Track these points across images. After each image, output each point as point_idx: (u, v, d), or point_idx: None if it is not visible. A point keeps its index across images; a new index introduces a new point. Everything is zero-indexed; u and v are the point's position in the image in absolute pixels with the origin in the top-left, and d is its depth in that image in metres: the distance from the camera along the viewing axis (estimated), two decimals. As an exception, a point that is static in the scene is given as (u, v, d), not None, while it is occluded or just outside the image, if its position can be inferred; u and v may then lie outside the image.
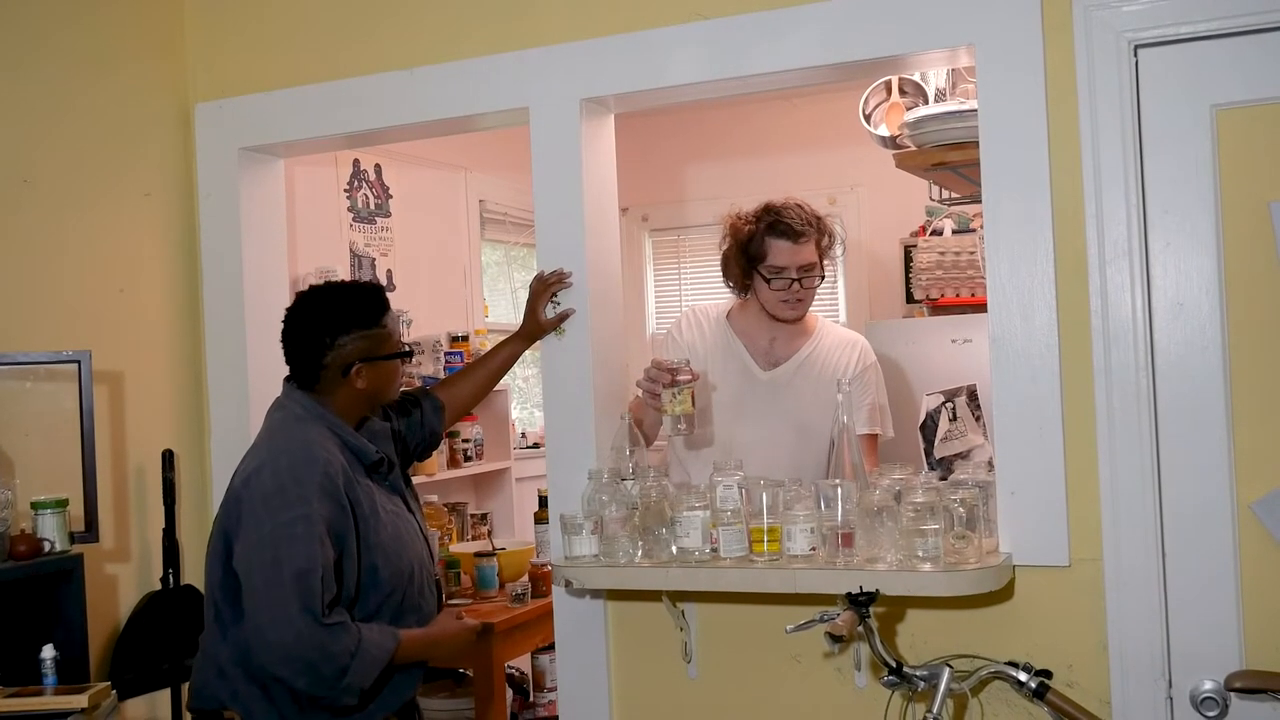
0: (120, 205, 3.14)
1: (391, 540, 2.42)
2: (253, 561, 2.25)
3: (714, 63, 2.69)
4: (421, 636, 2.45)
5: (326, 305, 2.46)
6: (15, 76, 2.90)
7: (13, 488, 2.67)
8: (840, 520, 2.40)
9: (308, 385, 2.47)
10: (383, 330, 2.46)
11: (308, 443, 2.35)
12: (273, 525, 2.25)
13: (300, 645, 2.20)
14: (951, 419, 3.15)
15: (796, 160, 6.08)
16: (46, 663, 2.43)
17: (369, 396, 2.48)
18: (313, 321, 2.44)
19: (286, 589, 2.20)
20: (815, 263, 3.14)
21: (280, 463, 2.32)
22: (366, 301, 2.48)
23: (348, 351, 2.42)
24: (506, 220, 5.91)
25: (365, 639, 2.28)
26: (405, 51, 3.01)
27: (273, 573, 2.22)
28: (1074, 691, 2.35)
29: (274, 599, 2.21)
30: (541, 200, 2.85)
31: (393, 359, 2.49)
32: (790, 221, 3.10)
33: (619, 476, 2.63)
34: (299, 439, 2.37)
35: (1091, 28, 2.36)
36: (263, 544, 2.24)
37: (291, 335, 2.47)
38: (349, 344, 2.42)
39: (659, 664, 2.75)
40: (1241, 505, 2.29)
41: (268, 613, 2.22)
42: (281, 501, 2.26)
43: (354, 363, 2.43)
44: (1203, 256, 2.32)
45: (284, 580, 2.21)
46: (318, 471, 2.30)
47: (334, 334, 2.42)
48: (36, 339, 2.87)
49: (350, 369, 2.43)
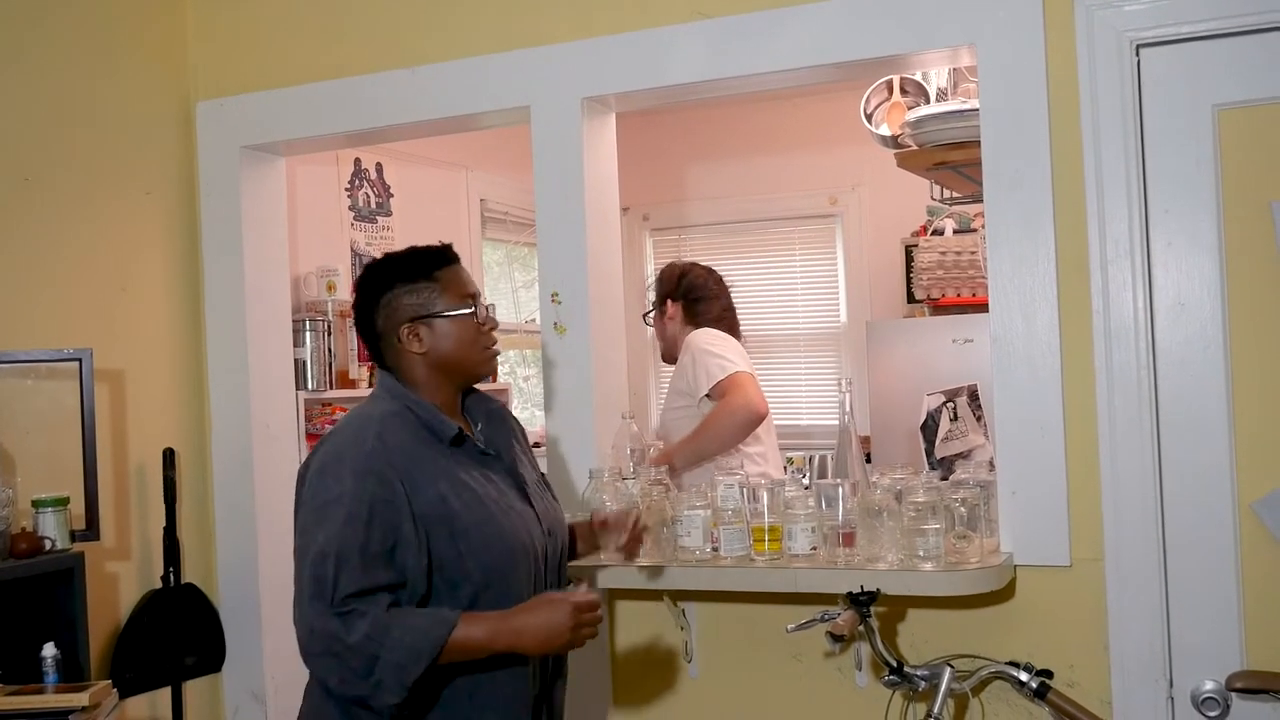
0: (122, 203, 3.14)
1: (482, 524, 2.09)
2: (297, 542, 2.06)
3: (715, 62, 2.69)
4: (498, 619, 2.03)
5: (380, 265, 2.22)
6: (17, 75, 2.90)
7: (14, 486, 2.67)
8: (841, 520, 2.40)
9: (380, 362, 2.23)
10: (434, 284, 2.16)
11: (365, 421, 2.12)
12: (305, 512, 2.06)
13: (315, 638, 1.96)
14: (952, 419, 3.16)
15: (798, 160, 6.08)
16: (47, 661, 2.43)
17: (439, 364, 2.16)
18: (366, 284, 2.21)
19: (304, 577, 1.99)
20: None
21: (331, 443, 2.12)
22: (420, 256, 2.20)
23: (394, 310, 2.15)
24: (508, 219, 5.91)
25: (399, 624, 1.96)
26: (407, 50, 3.01)
27: (298, 561, 2.02)
28: (1075, 691, 2.35)
29: (297, 590, 2.00)
30: (543, 199, 2.85)
31: (448, 317, 2.15)
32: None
33: (620, 475, 2.63)
34: (356, 421, 2.14)
35: (1093, 27, 2.36)
36: (299, 532, 2.05)
37: (355, 307, 2.24)
38: (393, 301, 2.15)
39: (660, 663, 2.74)
40: (1243, 505, 2.29)
41: (295, 606, 1.99)
42: (320, 483, 2.05)
43: (404, 321, 2.14)
44: (1204, 256, 2.32)
45: (303, 567, 2.00)
46: (361, 452, 2.05)
47: (381, 292, 2.17)
48: (38, 337, 2.87)
49: (401, 331, 2.15)
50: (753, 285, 6.18)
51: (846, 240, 6.13)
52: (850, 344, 6.04)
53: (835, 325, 6.19)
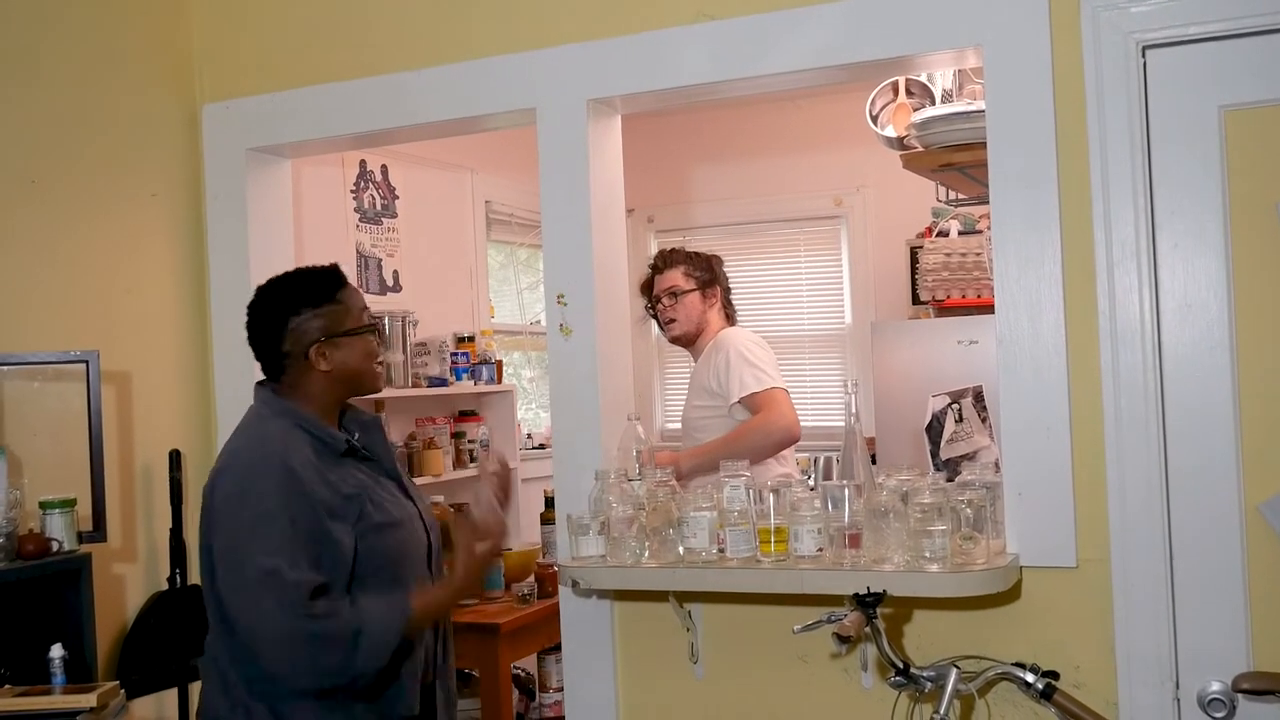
0: (127, 206, 3.14)
1: (386, 523, 2.30)
2: (224, 568, 2.18)
3: (721, 63, 2.69)
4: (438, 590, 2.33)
5: (278, 290, 2.37)
6: (23, 78, 2.91)
7: (21, 487, 2.68)
8: (847, 521, 2.40)
9: (275, 378, 2.37)
10: (339, 306, 2.33)
11: (265, 439, 2.26)
12: (233, 528, 2.18)
13: (294, 644, 2.12)
14: (958, 420, 3.15)
15: (803, 161, 6.09)
16: (55, 662, 2.44)
17: (340, 380, 2.34)
18: (266, 308, 2.35)
19: (259, 589, 2.12)
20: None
21: (237, 464, 2.25)
22: (318, 279, 2.37)
23: (304, 331, 2.30)
24: (512, 221, 5.92)
25: (370, 616, 2.16)
26: (412, 52, 3.02)
27: (241, 576, 2.15)
28: (1081, 693, 2.35)
29: (251, 601, 2.14)
30: (548, 201, 2.85)
31: (354, 335, 2.34)
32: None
33: (626, 477, 2.63)
34: (256, 437, 2.28)
35: (1099, 28, 2.36)
36: (230, 549, 2.18)
37: (251, 328, 2.37)
38: (303, 324, 2.30)
39: (665, 664, 2.75)
40: (1249, 506, 2.29)
41: (249, 616, 2.14)
42: (240, 503, 2.18)
43: (313, 342, 2.30)
44: (1211, 257, 2.32)
45: (252, 581, 2.13)
46: (275, 467, 2.20)
47: (286, 316, 2.31)
48: (44, 339, 2.87)
49: (310, 350, 2.30)
50: (758, 286, 6.20)
51: (852, 241, 6.13)
52: (855, 345, 6.05)
53: (840, 326, 6.20)
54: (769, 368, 3.52)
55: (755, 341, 3.62)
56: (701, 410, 3.62)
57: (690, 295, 3.72)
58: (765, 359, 3.55)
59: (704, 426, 3.60)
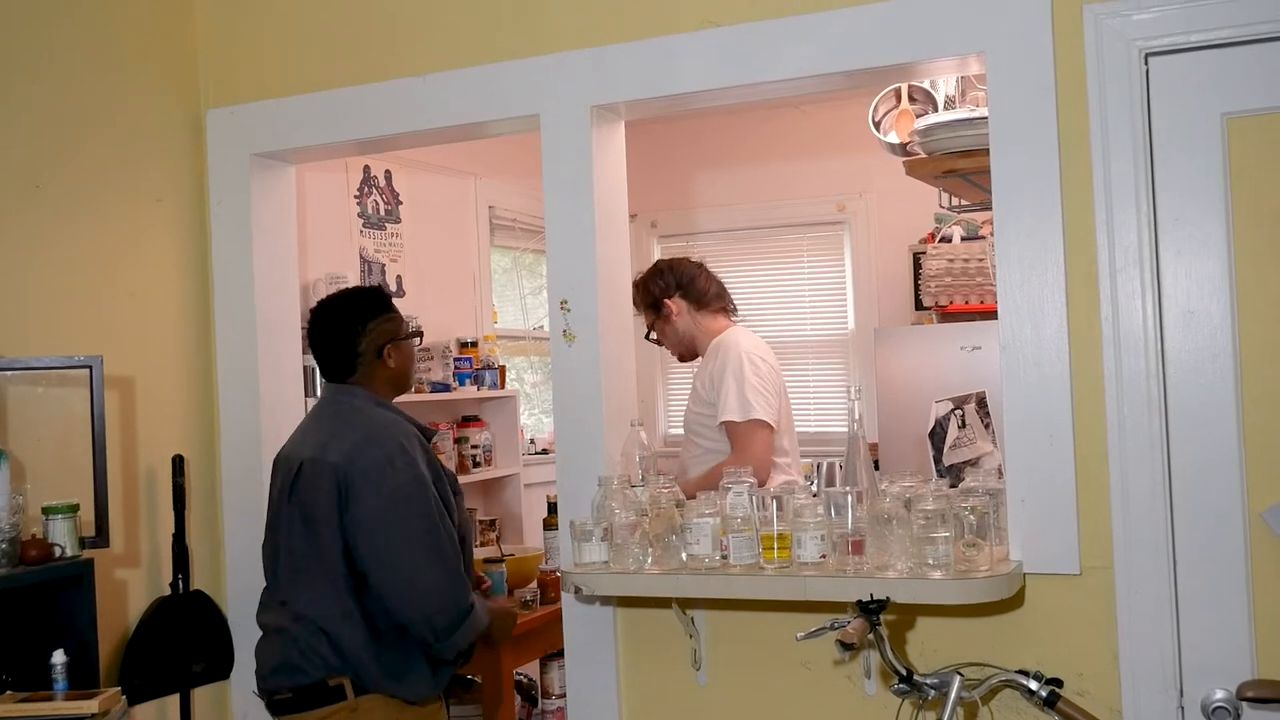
0: (132, 211, 3.15)
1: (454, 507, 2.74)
2: (381, 525, 2.54)
3: (724, 70, 2.69)
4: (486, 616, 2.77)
5: (349, 301, 2.84)
6: (27, 82, 2.91)
7: (24, 492, 2.67)
8: (850, 528, 2.39)
9: (344, 377, 2.77)
10: (394, 314, 2.85)
11: (384, 421, 2.68)
12: (389, 491, 2.55)
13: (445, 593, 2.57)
14: (960, 426, 3.16)
15: (806, 167, 6.09)
16: (57, 668, 2.44)
17: (400, 377, 2.83)
18: (342, 315, 2.79)
19: (420, 541, 2.55)
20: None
21: (377, 436, 2.63)
22: (377, 294, 2.89)
23: (377, 334, 2.78)
24: (516, 226, 5.92)
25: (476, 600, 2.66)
26: (417, 58, 3.02)
27: (402, 530, 2.54)
28: (1085, 700, 2.35)
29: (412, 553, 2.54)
30: (552, 206, 2.86)
31: (411, 338, 2.88)
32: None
33: (629, 483, 2.63)
34: (373, 419, 2.68)
35: (1102, 35, 2.36)
36: (388, 507, 2.55)
37: (324, 332, 2.79)
38: (376, 327, 2.78)
39: (668, 671, 2.74)
40: (1253, 513, 2.28)
41: (408, 567, 2.54)
42: (392, 470, 2.58)
43: (385, 343, 2.78)
44: (1213, 264, 2.32)
45: (415, 534, 2.55)
46: (411, 441, 2.65)
47: (363, 321, 2.77)
48: (48, 344, 2.87)
49: (383, 350, 2.78)
50: (761, 292, 6.20)
51: (855, 247, 6.13)
52: (858, 351, 6.05)
53: (843, 332, 6.20)
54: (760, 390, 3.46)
55: (757, 353, 3.57)
56: (699, 415, 3.62)
57: (655, 325, 3.75)
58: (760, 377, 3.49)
59: (701, 431, 3.59)
